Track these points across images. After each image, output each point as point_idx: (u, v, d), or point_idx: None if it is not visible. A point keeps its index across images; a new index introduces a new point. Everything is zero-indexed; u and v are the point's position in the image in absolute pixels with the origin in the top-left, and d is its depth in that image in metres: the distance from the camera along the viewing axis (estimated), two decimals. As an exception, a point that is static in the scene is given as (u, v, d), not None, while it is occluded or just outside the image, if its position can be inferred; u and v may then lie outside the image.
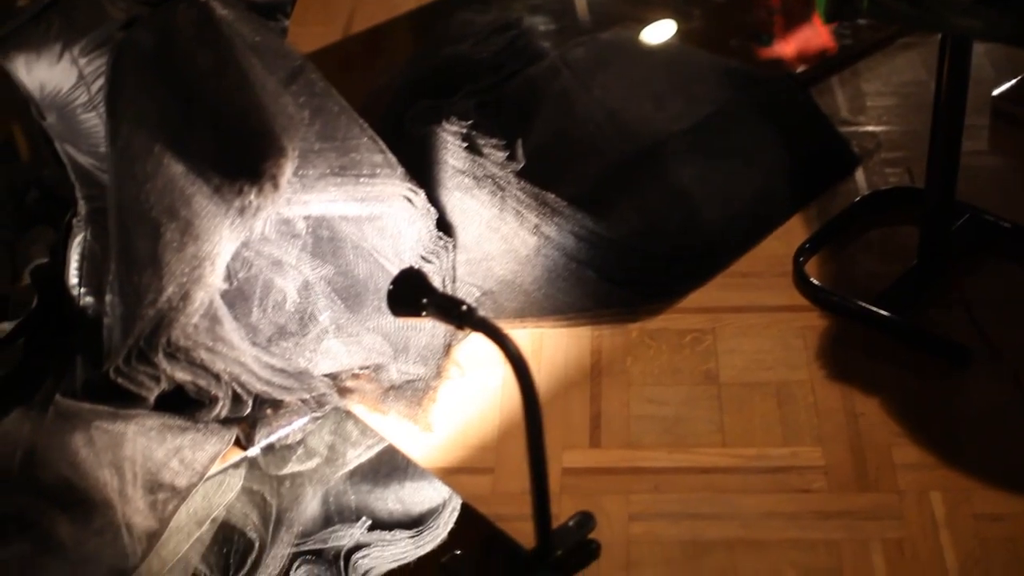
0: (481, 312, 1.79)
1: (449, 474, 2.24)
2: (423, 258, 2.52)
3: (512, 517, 2.12)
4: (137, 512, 2.11)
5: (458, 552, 2.07)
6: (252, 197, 2.17)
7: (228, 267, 2.28)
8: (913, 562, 2.04)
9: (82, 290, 2.41)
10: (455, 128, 2.75)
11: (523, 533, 2.02)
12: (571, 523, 2.01)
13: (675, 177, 2.83)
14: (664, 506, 2.17)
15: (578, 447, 2.30)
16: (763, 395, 2.39)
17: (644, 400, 2.40)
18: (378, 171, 2.39)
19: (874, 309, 2.51)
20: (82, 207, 2.39)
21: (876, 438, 2.27)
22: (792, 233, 2.77)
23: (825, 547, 2.08)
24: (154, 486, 2.15)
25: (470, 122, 2.79)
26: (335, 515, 2.21)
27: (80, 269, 2.41)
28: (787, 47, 3.30)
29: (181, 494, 2.18)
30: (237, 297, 2.33)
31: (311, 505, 2.23)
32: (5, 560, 2.01)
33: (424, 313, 1.84)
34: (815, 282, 2.61)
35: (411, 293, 1.86)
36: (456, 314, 1.80)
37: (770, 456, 2.25)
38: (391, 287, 1.87)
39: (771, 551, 2.07)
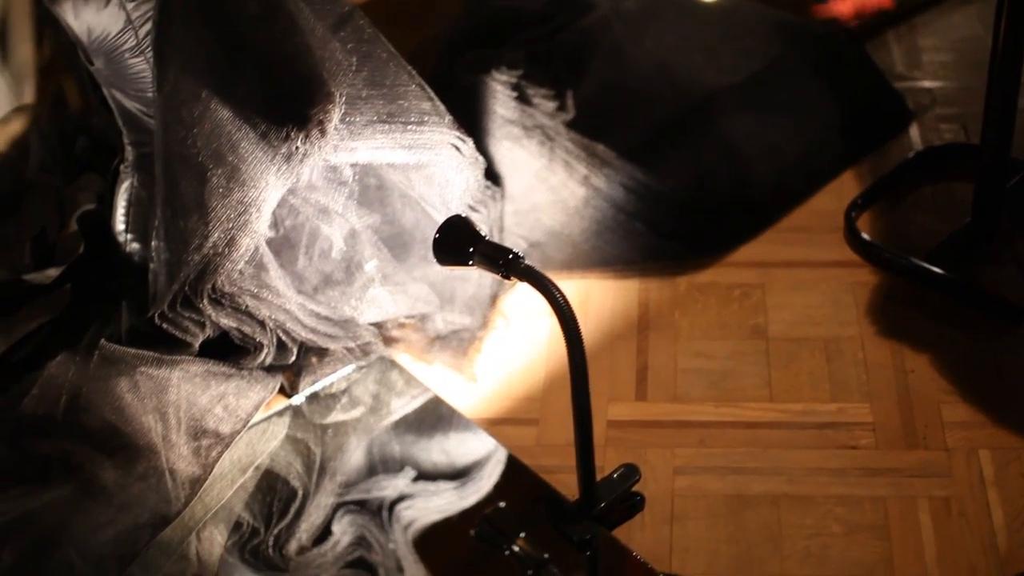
0: (528, 262, 1.77)
1: (493, 425, 2.23)
2: (470, 207, 2.50)
3: (556, 469, 2.11)
4: (181, 458, 2.11)
5: (502, 504, 2.05)
6: (299, 143, 2.16)
7: (274, 214, 2.27)
8: (960, 520, 2.02)
9: (128, 236, 2.41)
10: (504, 77, 2.73)
11: (567, 485, 2.01)
12: (615, 475, 2.00)
13: (726, 131, 2.80)
14: (709, 460, 2.15)
15: (624, 400, 2.29)
16: (811, 350, 2.36)
17: (691, 354, 2.38)
18: (426, 119, 2.37)
19: (926, 266, 2.48)
20: (129, 153, 2.39)
21: (925, 395, 2.24)
22: (844, 188, 2.74)
23: (871, 504, 2.06)
24: (198, 432, 2.15)
25: (520, 72, 2.77)
26: (379, 466, 2.20)
27: (127, 215, 2.41)
28: (844, 4, 3.25)
29: (225, 441, 2.18)
30: (283, 245, 2.32)
31: (355, 455, 2.22)
32: (49, 503, 2.01)
33: (470, 262, 1.83)
34: (867, 238, 2.57)
35: (458, 241, 1.85)
36: (502, 262, 1.79)
37: (817, 412, 2.23)
38: (437, 235, 1.86)
39: (816, 506, 2.05)
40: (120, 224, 2.41)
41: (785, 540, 2.01)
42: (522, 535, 1.98)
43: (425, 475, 2.18)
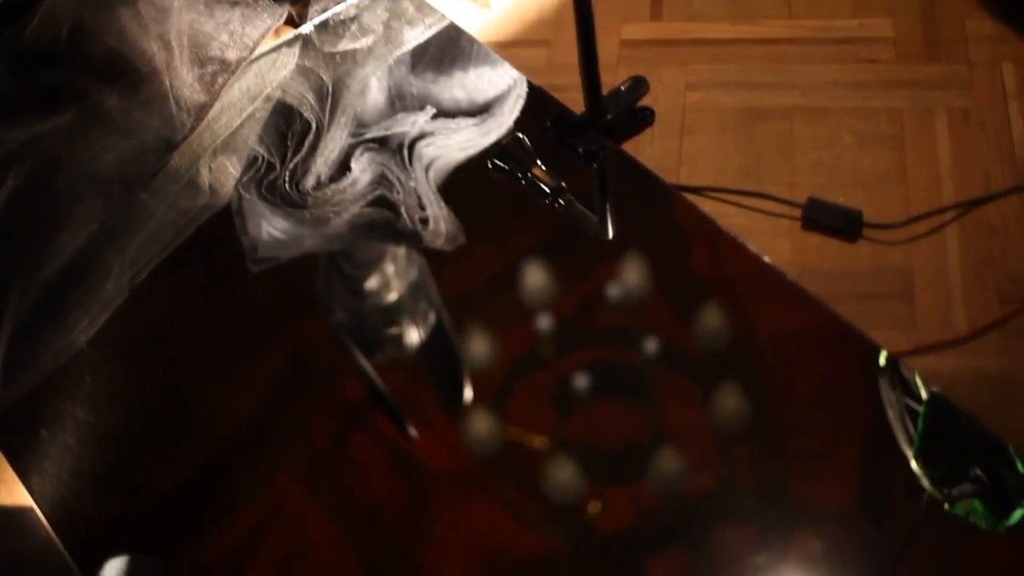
0: None
1: (505, 47, 2.19)
2: None
3: (567, 87, 2.06)
4: (185, 85, 2.08)
5: (519, 135, 2.02)
6: None
7: None
8: (978, 130, 1.98)
9: None
10: None
11: (577, 102, 1.98)
12: (623, 87, 1.96)
13: None
14: (723, 75, 2.11)
15: (638, 20, 2.23)
16: (834, -35, 2.28)
17: (709, -28, 2.31)
18: None
19: None
20: None
21: (950, 10, 2.17)
22: None
23: (887, 115, 2.01)
24: (203, 59, 2.12)
25: None
26: (397, 103, 2.15)
27: None
28: None
29: (231, 67, 2.14)
30: None
31: (372, 94, 2.18)
32: (52, 129, 2.00)
33: None
34: None
35: None
36: None
37: (837, 27, 2.17)
38: None
39: (830, 118, 2.02)
40: None
41: (797, 151, 1.98)
42: (538, 163, 1.94)
43: (445, 113, 2.13)
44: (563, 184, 1.88)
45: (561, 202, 1.82)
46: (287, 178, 2.06)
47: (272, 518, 1.62)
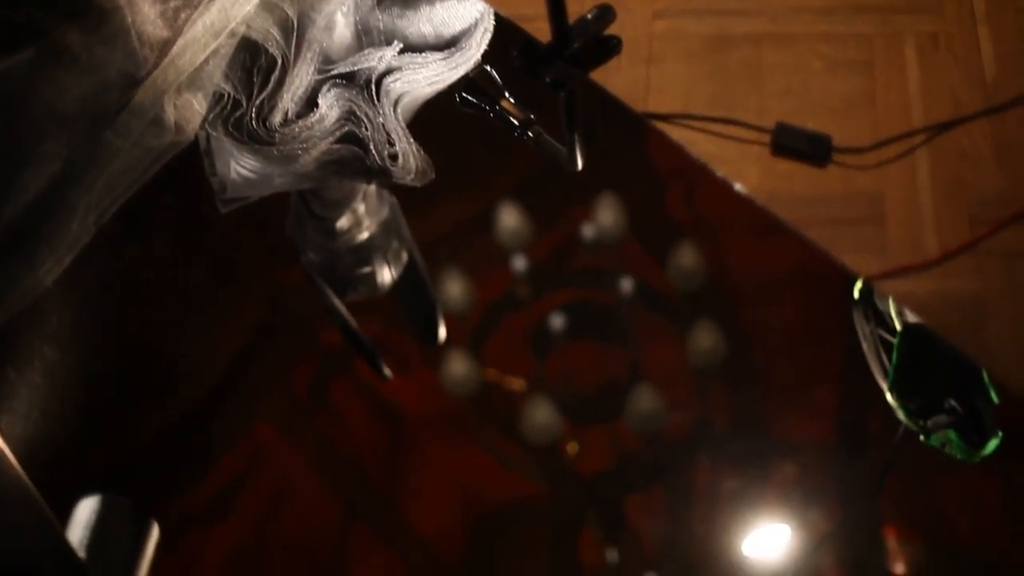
0: None
1: (469, -23, 2.16)
2: None
3: (534, 17, 2.04)
4: (148, 21, 2.05)
5: (486, 67, 1.99)
6: None
7: None
8: (947, 55, 1.97)
9: None
10: None
11: (544, 32, 1.96)
12: (589, 16, 1.94)
13: None
14: (690, 3, 2.09)
15: (603, -52, 2.20)
16: None
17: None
18: None
19: None
20: None
21: (917, -68, 2.16)
22: None
23: (855, 40, 2.01)
24: (164, -6, 2.09)
25: None
26: (363, 39, 2.12)
27: None
28: None
29: (193, 3, 2.12)
30: None
31: (339, 30, 2.15)
32: (14, 67, 1.97)
33: None
34: None
35: None
36: None
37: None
38: None
39: (799, 44, 2.01)
40: None
41: (766, 77, 1.97)
42: (507, 95, 1.92)
43: (412, 48, 2.10)
44: (531, 116, 1.87)
45: (530, 134, 1.81)
46: (254, 115, 2.02)
47: (253, 465, 1.61)
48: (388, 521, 1.55)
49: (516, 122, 1.83)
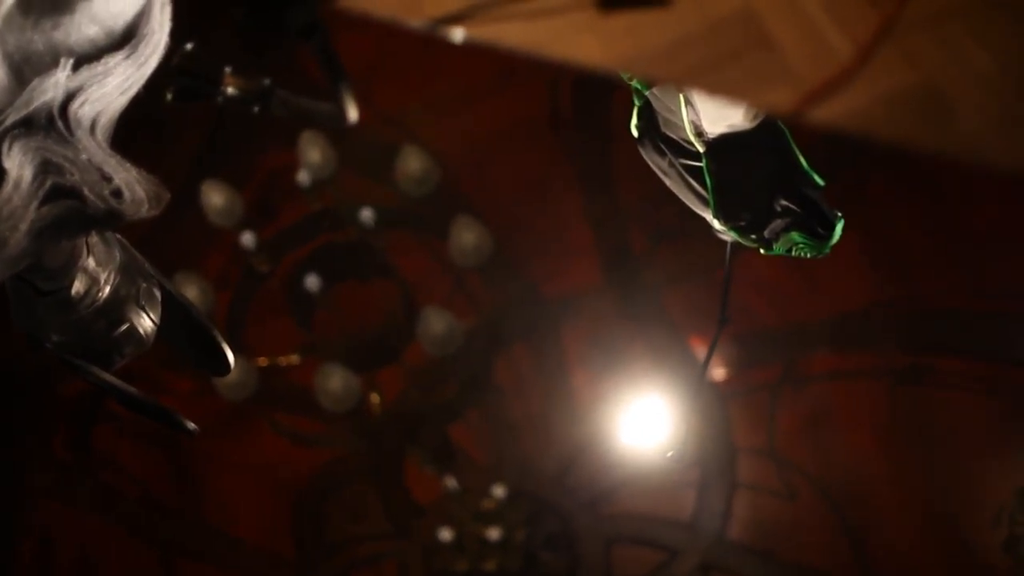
0: None
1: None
2: None
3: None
4: None
5: (188, 47, 1.65)
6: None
7: None
8: None
9: None
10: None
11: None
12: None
13: None
14: None
15: None
16: None
17: None
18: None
19: None
20: None
21: None
22: None
23: None
24: None
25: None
26: (27, 71, 1.70)
27: None
28: None
29: None
30: None
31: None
32: None
33: None
34: None
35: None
36: None
37: None
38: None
39: None
40: None
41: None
42: (228, 70, 1.58)
43: (85, 57, 1.70)
44: (268, 81, 1.53)
45: (277, 103, 1.51)
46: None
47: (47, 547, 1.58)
48: (208, 542, 1.43)
49: (252, 95, 1.55)
